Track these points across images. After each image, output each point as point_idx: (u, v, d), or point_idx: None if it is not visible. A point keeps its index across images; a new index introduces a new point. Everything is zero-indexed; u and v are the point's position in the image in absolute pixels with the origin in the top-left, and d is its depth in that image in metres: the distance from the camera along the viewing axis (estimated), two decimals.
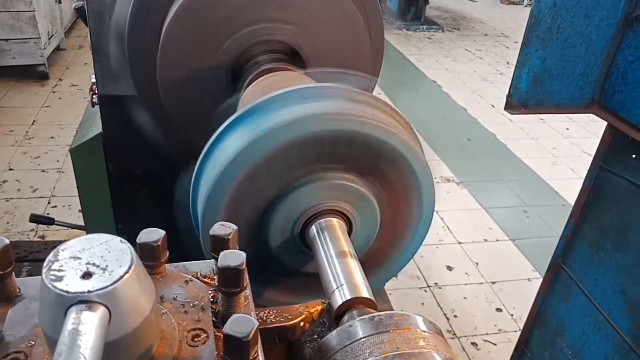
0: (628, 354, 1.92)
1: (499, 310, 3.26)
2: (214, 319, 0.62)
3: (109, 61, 1.69)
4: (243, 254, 0.59)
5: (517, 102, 1.97)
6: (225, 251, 0.60)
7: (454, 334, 3.04)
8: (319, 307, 0.74)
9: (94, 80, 1.83)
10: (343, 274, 0.70)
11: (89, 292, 0.45)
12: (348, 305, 0.68)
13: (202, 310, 0.62)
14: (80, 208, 3.61)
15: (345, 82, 1.08)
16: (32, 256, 2.67)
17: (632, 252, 1.91)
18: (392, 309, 2.85)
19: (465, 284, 3.41)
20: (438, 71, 6.92)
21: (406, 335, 0.55)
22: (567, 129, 5.60)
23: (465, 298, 3.30)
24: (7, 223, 3.45)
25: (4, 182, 3.87)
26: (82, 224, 2.27)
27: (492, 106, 6.02)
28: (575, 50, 1.84)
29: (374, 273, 0.89)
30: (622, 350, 1.95)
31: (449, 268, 3.51)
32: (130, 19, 1.32)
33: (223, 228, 0.65)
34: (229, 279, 0.58)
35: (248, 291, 0.64)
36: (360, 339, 0.56)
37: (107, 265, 0.49)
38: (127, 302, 0.48)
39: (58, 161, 4.18)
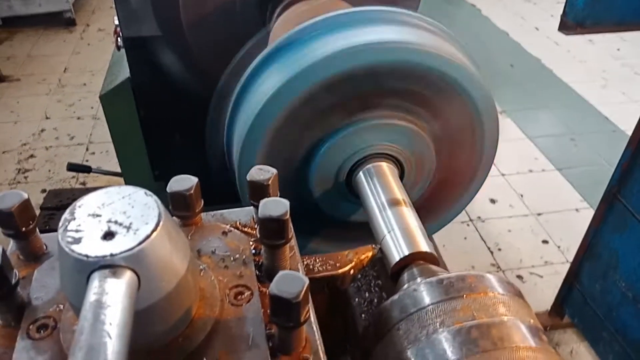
0: None
1: (545, 242, 3.16)
2: (257, 273, 0.56)
3: (131, 1, 1.60)
4: (286, 202, 0.51)
5: (572, 21, 1.77)
6: (265, 199, 0.52)
7: (499, 267, 2.98)
8: (370, 254, 0.67)
9: (117, 22, 1.75)
10: (397, 225, 0.62)
11: (112, 255, 0.39)
12: (407, 261, 0.60)
13: (244, 265, 0.56)
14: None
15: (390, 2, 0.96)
16: None
17: None
18: (435, 245, 2.80)
19: (510, 217, 3.31)
20: None
21: (482, 301, 0.47)
22: (618, 49, 5.19)
23: (509, 231, 3.21)
24: (49, 171, 3.51)
25: (42, 131, 3.91)
26: (119, 171, 2.26)
27: (536, 29, 5.61)
28: None
29: (430, 219, 0.81)
30: None
31: (492, 201, 3.40)
32: None
33: (262, 172, 0.57)
34: (271, 230, 0.51)
35: (293, 241, 0.58)
36: (428, 305, 0.48)
37: (131, 223, 0.42)
38: (157, 264, 0.41)
39: (92, 108, 4.18)
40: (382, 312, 0.52)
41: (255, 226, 0.60)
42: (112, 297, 0.36)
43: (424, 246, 0.61)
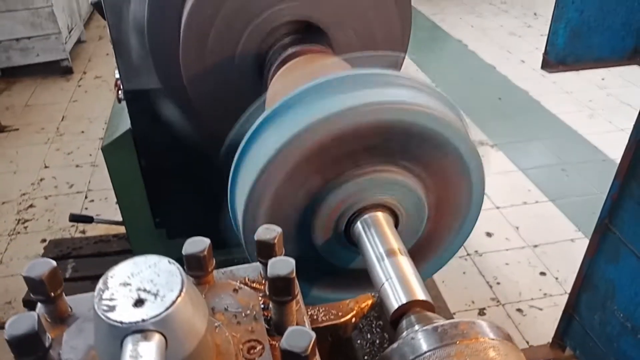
0: None
1: (543, 274, 3.19)
2: (267, 327, 0.60)
3: (132, 56, 1.67)
4: (292, 261, 0.56)
5: (554, 60, 1.89)
6: (273, 259, 0.57)
7: (498, 301, 3.00)
8: (370, 302, 0.71)
9: (118, 76, 1.82)
10: (394, 273, 0.67)
11: (143, 320, 0.44)
12: (405, 309, 0.64)
13: (255, 320, 0.60)
14: (115, 200, 3.68)
15: (375, 61, 1.03)
16: (75, 252, 2.74)
17: None
18: (434, 282, 2.82)
19: (507, 250, 3.35)
20: (463, 29, 6.68)
21: (474, 347, 0.52)
22: (603, 79, 5.34)
23: (507, 264, 3.25)
24: (49, 220, 3.54)
25: (41, 180, 3.96)
26: (120, 219, 2.30)
27: (523, 61, 5.78)
28: (615, 0, 1.72)
29: (424, 263, 0.86)
30: None
31: (489, 234, 3.44)
32: (149, 14, 1.28)
33: (268, 232, 0.62)
34: (279, 288, 0.56)
35: (299, 296, 0.62)
36: (426, 352, 0.53)
37: (158, 290, 0.47)
38: (182, 326, 0.46)
39: (90, 155, 4.25)
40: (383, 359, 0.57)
41: (263, 281, 0.65)
42: (146, 358, 0.40)
43: (420, 294, 0.65)
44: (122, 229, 2.78)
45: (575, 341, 2.46)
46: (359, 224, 0.76)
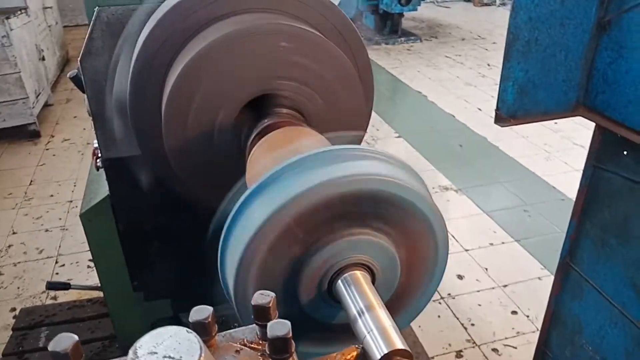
0: None
1: (514, 312, 3.29)
2: None
3: (111, 126, 1.74)
4: (288, 323, 0.64)
5: (505, 115, 2.04)
6: (272, 322, 0.65)
7: (474, 342, 3.07)
8: (354, 353, 0.78)
9: (96, 145, 1.88)
10: (374, 326, 0.74)
11: None
12: (388, 358, 0.72)
13: None
14: (88, 264, 3.64)
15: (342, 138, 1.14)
16: (48, 320, 2.69)
17: (636, 245, 1.96)
18: (411, 328, 2.88)
19: (478, 291, 3.45)
20: (421, 81, 7.03)
21: None
22: (556, 122, 5.68)
23: (479, 305, 3.34)
24: (18, 288, 3.46)
25: (10, 247, 3.89)
26: (95, 283, 2.30)
27: (479, 109, 6.11)
28: (555, 59, 1.91)
29: (402, 312, 0.93)
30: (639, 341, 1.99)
31: (460, 277, 3.54)
32: (131, 92, 1.37)
33: (263, 297, 0.69)
34: (279, 347, 0.63)
35: (294, 354, 0.69)
36: None
37: (181, 356, 0.54)
38: None
39: (60, 219, 4.21)
40: None
41: (260, 342, 0.71)
42: None
43: (399, 344, 0.73)
44: (96, 293, 2.76)
45: None
46: (340, 283, 0.83)
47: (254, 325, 0.72)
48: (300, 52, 1.22)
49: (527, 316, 3.25)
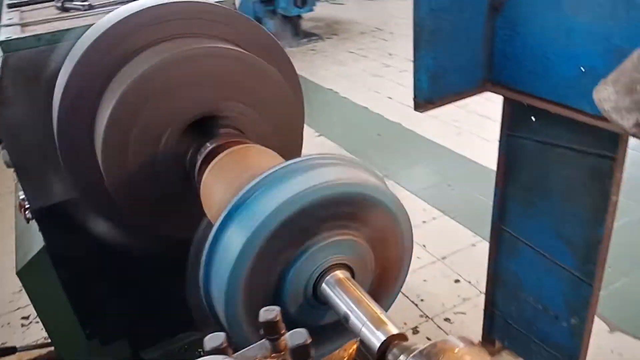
0: (579, 283, 2.18)
1: (457, 281, 3.49)
2: None
3: (37, 176, 1.66)
4: (305, 330, 0.67)
5: (423, 101, 2.18)
6: (291, 332, 0.68)
7: (427, 316, 3.22)
8: (355, 346, 0.83)
9: (22, 196, 1.78)
10: (367, 318, 0.79)
11: None
12: (386, 345, 0.77)
13: None
14: (22, 323, 3.38)
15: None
16: None
17: (556, 199, 2.17)
18: None
19: (421, 268, 3.62)
20: (331, 79, 7.19)
21: (455, 357, 0.66)
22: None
23: (425, 280, 3.51)
24: None
25: None
26: (35, 341, 2.17)
27: (390, 98, 6.37)
28: (459, 44, 2.07)
29: (381, 300, 0.99)
30: (573, 283, 2.21)
31: None
32: (60, 138, 1.32)
33: (269, 313, 0.72)
34: (302, 353, 0.67)
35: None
36: None
37: None
38: None
39: None
40: None
41: (272, 355, 0.74)
42: None
43: (393, 329, 0.78)
44: (51, 349, 2.59)
45: (501, 333, 2.74)
46: (324, 286, 0.88)
47: (264, 340, 0.74)
48: (236, 73, 1.24)
49: (469, 282, 3.47)
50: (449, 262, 3.66)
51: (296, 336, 0.68)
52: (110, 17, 1.28)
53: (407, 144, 5.31)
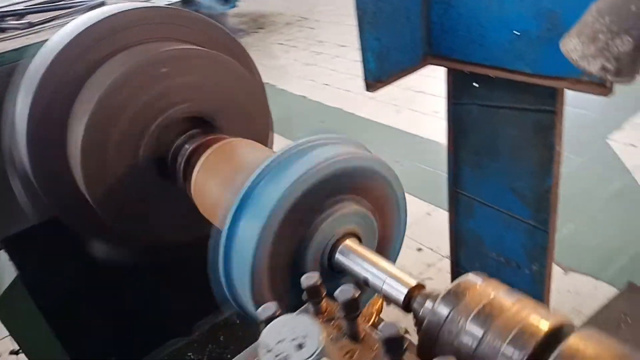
0: (535, 232, 2.36)
1: (419, 250, 3.65)
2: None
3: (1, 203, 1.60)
4: (351, 285, 0.73)
5: (373, 81, 2.26)
6: (341, 288, 0.73)
7: None
8: (380, 302, 0.90)
9: None
10: (386, 275, 0.85)
11: (312, 354, 0.61)
12: (409, 295, 0.84)
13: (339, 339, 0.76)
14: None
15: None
16: None
17: (504, 157, 2.33)
18: None
19: None
20: (265, 72, 7.03)
21: (477, 292, 0.73)
22: None
23: None
24: None
25: None
26: None
27: (326, 84, 6.46)
28: (399, 22, 2.17)
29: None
30: (530, 233, 2.38)
31: None
32: (30, 157, 1.29)
33: (311, 278, 0.77)
34: (352, 306, 0.72)
35: None
36: (450, 312, 0.72)
37: (305, 335, 0.62)
38: (326, 344, 0.63)
39: None
40: (426, 333, 0.74)
41: (320, 318, 0.79)
42: None
43: (412, 281, 0.85)
44: None
45: None
46: (338, 255, 0.93)
47: (307, 305, 0.79)
48: (208, 72, 1.26)
49: (431, 249, 3.63)
50: (409, 233, 3.74)
51: (347, 291, 0.73)
52: (63, 33, 1.27)
53: (351, 127, 5.42)
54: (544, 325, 0.66)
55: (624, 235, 3.35)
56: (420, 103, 5.50)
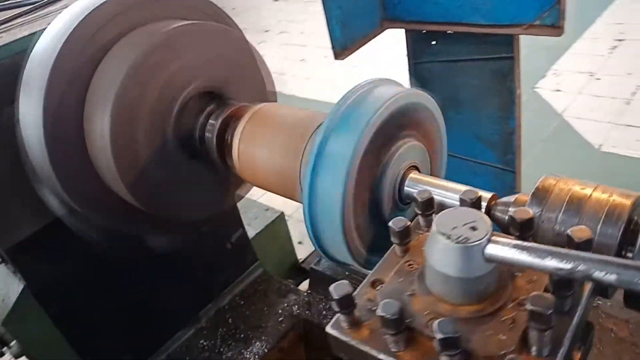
0: (504, 175, 2.55)
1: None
2: None
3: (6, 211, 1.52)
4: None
5: (340, 49, 2.34)
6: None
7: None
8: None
9: None
10: (459, 193, 0.92)
11: (488, 233, 0.67)
12: (489, 205, 0.92)
13: None
14: None
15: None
16: None
17: (467, 108, 2.50)
18: None
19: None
20: None
21: (561, 185, 0.83)
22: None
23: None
24: None
25: None
26: None
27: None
28: None
29: None
30: (499, 176, 2.57)
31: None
32: (50, 156, 1.25)
33: (401, 221, 0.81)
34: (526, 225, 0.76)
35: None
36: (543, 209, 0.81)
37: (474, 220, 0.69)
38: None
39: None
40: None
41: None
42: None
43: (485, 193, 0.93)
44: None
45: None
46: (406, 188, 1.00)
47: (394, 246, 0.84)
48: (217, 46, 1.29)
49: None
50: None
51: (469, 193, 0.81)
52: (65, 17, 1.23)
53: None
54: (627, 200, 0.77)
55: (564, 169, 3.68)
56: (369, 68, 5.56)
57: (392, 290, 0.76)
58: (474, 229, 0.66)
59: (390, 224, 0.82)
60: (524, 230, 0.73)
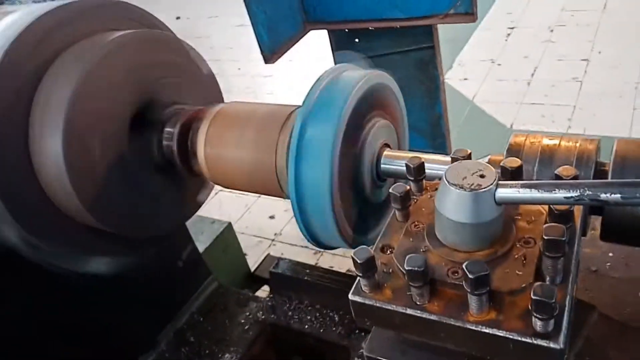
0: None
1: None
2: None
3: None
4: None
5: (269, 53, 2.36)
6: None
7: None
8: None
9: None
10: (438, 163, 0.98)
11: (496, 179, 0.71)
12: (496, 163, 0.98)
13: None
14: None
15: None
16: None
17: (410, 100, 2.62)
18: None
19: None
20: None
21: (529, 142, 0.91)
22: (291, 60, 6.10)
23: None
24: None
25: None
26: None
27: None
28: None
29: None
30: None
31: (272, 217, 3.89)
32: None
33: (401, 187, 0.84)
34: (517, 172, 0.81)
35: None
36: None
37: (481, 169, 0.73)
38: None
39: None
40: None
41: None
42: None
43: (458, 153, 0.98)
44: None
45: None
46: (382, 165, 1.04)
47: (394, 211, 0.87)
48: (161, 52, 1.26)
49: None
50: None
51: (459, 152, 0.86)
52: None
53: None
54: (591, 145, 0.87)
55: (484, 148, 3.95)
56: (301, 68, 5.58)
57: (407, 250, 0.79)
58: (482, 176, 0.71)
59: (391, 190, 0.85)
60: (515, 178, 0.79)
